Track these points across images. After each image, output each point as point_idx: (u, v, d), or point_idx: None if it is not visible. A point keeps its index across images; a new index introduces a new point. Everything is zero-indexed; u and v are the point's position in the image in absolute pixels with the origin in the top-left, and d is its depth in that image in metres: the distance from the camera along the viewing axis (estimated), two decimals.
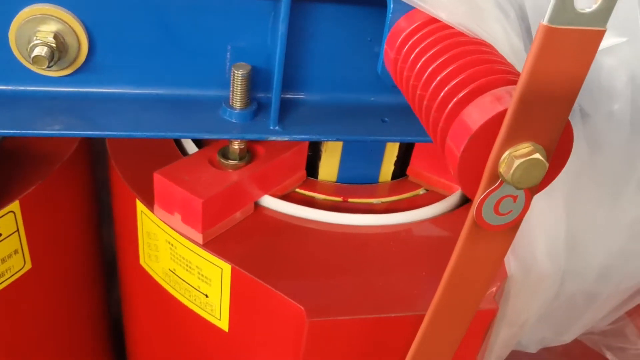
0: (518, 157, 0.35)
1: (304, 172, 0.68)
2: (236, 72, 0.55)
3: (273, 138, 0.57)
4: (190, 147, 0.70)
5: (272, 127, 0.57)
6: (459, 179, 0.38)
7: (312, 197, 0.67)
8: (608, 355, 1.02)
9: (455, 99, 0.39)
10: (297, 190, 0.68)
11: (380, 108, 0.62)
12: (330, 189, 0.69)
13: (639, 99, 0.52)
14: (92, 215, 0.79)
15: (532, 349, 0.85)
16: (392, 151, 0.70)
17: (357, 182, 0.71)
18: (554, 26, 0.32)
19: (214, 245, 0.58)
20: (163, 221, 0.60)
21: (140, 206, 0.62)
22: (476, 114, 0.36)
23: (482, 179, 0.37)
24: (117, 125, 0.55)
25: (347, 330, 0.53)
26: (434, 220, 0.66)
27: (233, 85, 0.56)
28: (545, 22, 0.32)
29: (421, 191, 0.71)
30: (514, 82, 0.38)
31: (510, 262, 0.61)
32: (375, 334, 0.54)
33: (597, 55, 0.34)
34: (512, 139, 0.36)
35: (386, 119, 0.62)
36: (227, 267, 0.57)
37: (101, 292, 0.87)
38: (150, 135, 0.55)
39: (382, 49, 0.51)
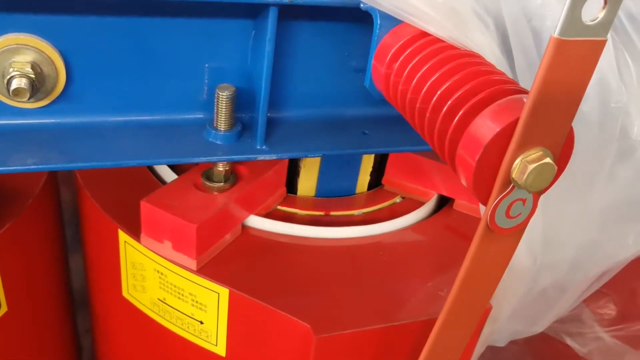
0: (530, 162, 0.37)
1: (284, 189, 0.68)
2: (221, 93, 0.55)
3: (262, 157, 0.57)
4: (165, 172, 0.69)
5: (259, 147, 0.57)
6: (474, 186, 0.39)
7: (295, 214, 0.68)
8: (567, 341, 1.07)
9: (462, 111, 0.40)
10: (279, 207, 0.68)
11: (360, 121, 0.64)
12: (310, 204, 0.69)
13: (606, 100, 0.56)
14: (61, 247, 0.76)
15: (502, 342, 0.88)
16: (368, 162, 0.71)
17: (335, 195, 0.72)
18: (564, 38, 0.34)
19: (208, 270, 0.57)
20: (152, 250, 0.58)
21: (123, 236, 0.60)
22: (490, 124, 0.38)
23: (495, 185, 0.39)
24: (99, 156, 0.53)
25: (355, 343, 0.54)
26: (417, 226, 0.68)
27: (217, 107, 0.56)
28: (555, 35, 0.34)
29: (398, 199, 0.73)
30: (514, 92, 0.40)
31: None
32: (383, 343, 0.55)
33: None
34: (523, 146, 0.37)
35: (366, 131, 0.63)
36: (224, 292, 0.56)
37: (71, 325, 0.83)
38: (135, 164, 0.54)
39: (370, 64, 0.52)
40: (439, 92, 0.43)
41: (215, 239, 0.58)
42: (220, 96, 0.55)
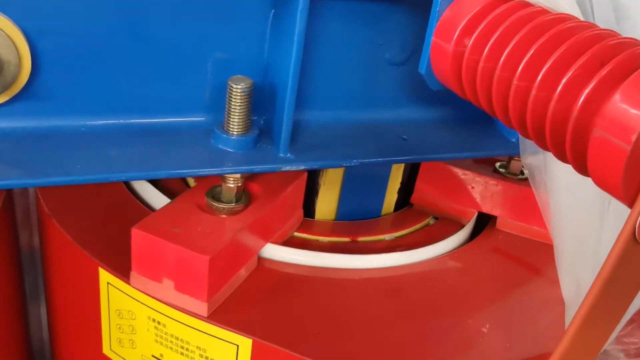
0: None
1: (301, 212, 0.56)
2: (234, 86, 0.43)
3: (286, 168, 0.45)
4: (150, 194, 0.56)
5: (282, 155, 0.45)
6: (624, 177, 0.29)
7: (316, 241, 0.55)
8: None
9: (594, 83, 0.30)
10: (296, 234, 0.55)
11: (396, 125, 0.53)
12: (332, 229, 0.57)
13: None
14: (17, 294, 0.61)
15: None
16: (396, 178, 0.60)
17: (358, 218, 0.60)
18: None
19: (223, 316, 0.44)
20: (145, 293, 0.45)
21: (105, 277, 0.47)
22: None
23: None
24: (76, 169, 0.40)
25: None
26: (462, 251, 0.57)
27: (230, 105, 0.44)
28: None
29: (431, 220, 0.62)
30: None
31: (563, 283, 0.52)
32: None
33: None
34: None
35: (404, 136, 0.52)
36: (245, 343, 0.43)
37: None
38: (124, 178, 0.41)
39: (427, 45, 0.42)
40: (549, 64, 0.33)
41: (228, 275, 0.45)
42: (234, 90, 0.43)
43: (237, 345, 0.43)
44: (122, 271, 0.46)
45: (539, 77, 0.33)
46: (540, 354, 0.47)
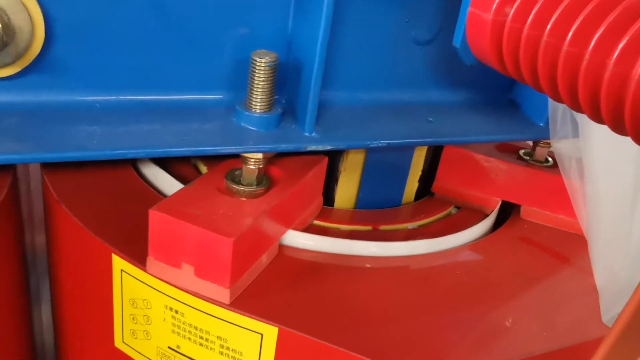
0: None
1: (321, 199, 0.54)
2: (259, 61, 0.41)
3: (312, 147, 0.43)
4: (162, 179, 0.53)
5: (307, 134, 0.43)
6: None
7: (336, 229, 0.53)
8: None
9: None
10: (316, 222, 0.53)
11: (422, 107, 0.51)
12: (353, 217, 0.55)
13: None
14: (23, 294, 0.58)
15: None
16: (417, 166, 0.58)
17: (378, 207, 0.58)
18: None
19: (245, 303, 0.41)
20: (162, 280, 0.42)
21: (119, 263, 0.44)
22: None
23: None
24: (90, 144, 0.38)
25: None
26: (488, 239, 0.55)
27: (253, 80, 0.42)
28: None
29: (453, 210, 0.60)
30: None
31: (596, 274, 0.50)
32: None
33: None
34: None
35: (430, 118, 0.50)
36: (270, 332, 0.40)
37: None
38: (144, 154, 0.39)
39: (462, 17, 0.40)
40: (602, 28, 0.31)
41: (250, 261, 0.43)
42: (258, 65, 0.41)
43: (261, 335, 0.41)
44: (138, 258, 0.44)
45: (593, 42, 0.31)
46: (575, 344, 0.45)
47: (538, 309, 0.47)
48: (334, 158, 0.54)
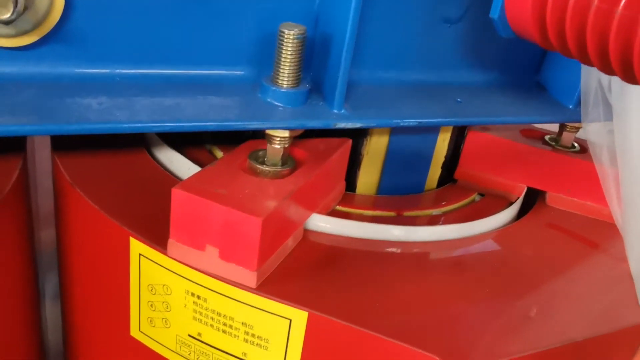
0: None
1: (344, 184, 0.52)
2: (287, 33, 0.39)
3: (342, 125, 0.41)
4: (177, 162, 0.51)
5: (335, 111, 0.41)
6: None
7: (360, 215, 0.51)
8: None
9: None
10: (338, 207, 0.51)
11: (450, 88, 0.49)
12: (376, 203, 0.53)
13: None
14: (34, 292, 0.55)
15: None
16: (441, 151, 0.56)
17: (401, 193, 0.56)
18: None
19: (273, 287, 0.39)
20: (184, 263, 0.40)
21: (137, 247, 0.42)
22: None
23: None
24: (112, 116, 0.36)
25: None
26: (516, 225, 0.53)
27: (280, 53, 0.40)
28: None
29: (476, 197, 0.58)
30: None
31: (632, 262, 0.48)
32: None
33: None
34: None
35: (459, 99, 0.48)
36: (300, 317, 0.38)
37: None
38: (167, 128, 0.37)
39: None
40: None
41: (277, 243, 0.41)
42: (286, 37, 0.39)
43: (290, 320, 0.39)
44: (157, 241, 0.41)
45: None
46: (612, 331, 0.43)
47: (572, 295, 0.45)
48: (357, 142, 0.52)
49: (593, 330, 0.42)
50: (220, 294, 0.40)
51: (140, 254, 0.43)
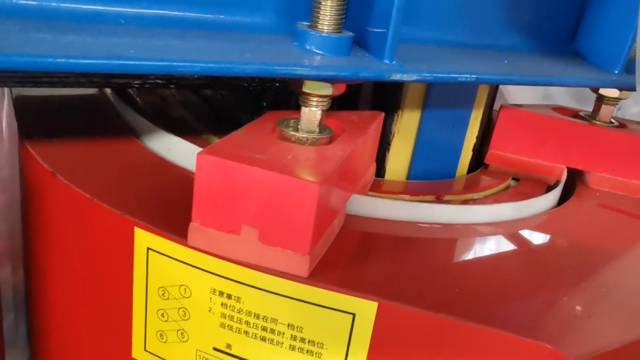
0: None
1: (374, 166, 0.45)
2: None
3: (396, 77, 0.34)
4: (177, 148, 0.43)
5: (387, 62, 0.34)
6: None
7: (397, 200, 0.44)
8: None
9: None
10: (370, 193, 0.44)
11: (493, 51, 0.43)
12: (410, 188, 0.46)
13: None
14: None
15: None
16: (473, 129, 0.50)
17: (433, 178, 0.49)
18: None
19: (329, 276, 0.31)
20: (210, 253, 0.32)
21: (144, 239, 0.33)
22: None
23: None
24: (128, 52, 0.27)
25: None
26: (567, 207, 0.47)
27: None
28: None
29: (511, 182, 0.52)
30: None
31: None
32: None
33: None
34: None
35: (505, 61, 0.42)
36: (368, 310, 0.30)
37: None
38: (197, 69, 0.29)
39: None
40: None
41: (325, 224, 0.33)
42: None
43: (353, 315, 0.30)
44: (171, 229, 0.33)
45: None
46: None
47: None
48: (386, 119, 0.45)
49: None
50: (260, 288, 0.31)
51: (148, 248, 0.34)
